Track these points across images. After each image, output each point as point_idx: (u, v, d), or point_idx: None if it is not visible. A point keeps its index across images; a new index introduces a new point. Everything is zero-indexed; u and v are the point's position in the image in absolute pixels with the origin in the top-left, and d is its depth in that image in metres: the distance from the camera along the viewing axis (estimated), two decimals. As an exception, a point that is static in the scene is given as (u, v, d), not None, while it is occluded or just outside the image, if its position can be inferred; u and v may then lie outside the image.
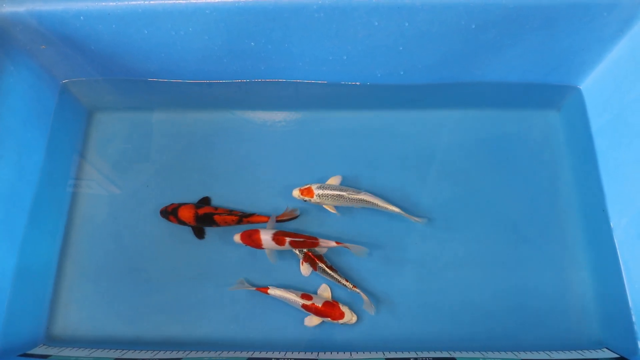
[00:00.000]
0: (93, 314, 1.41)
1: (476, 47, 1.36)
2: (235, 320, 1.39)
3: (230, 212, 1.44)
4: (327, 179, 1.49)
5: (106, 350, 1.32)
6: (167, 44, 1.36)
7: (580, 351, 1.28)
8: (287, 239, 1.34)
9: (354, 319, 1.34)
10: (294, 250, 1.39)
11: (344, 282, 1.36)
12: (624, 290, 1.30)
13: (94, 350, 1.32)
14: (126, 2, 1.24)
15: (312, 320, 1.35)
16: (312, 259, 1.37)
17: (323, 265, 1.37)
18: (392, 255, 1.43)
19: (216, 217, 1.42)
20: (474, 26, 1.27)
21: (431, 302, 1.37)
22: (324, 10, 1.25)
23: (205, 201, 1.49)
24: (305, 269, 1.40)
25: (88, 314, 1.41)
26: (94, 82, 1.56)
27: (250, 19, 1.28)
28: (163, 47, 1.38)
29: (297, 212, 1.45)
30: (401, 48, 1.36)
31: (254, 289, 1.34)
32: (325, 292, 1.39)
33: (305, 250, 1.37)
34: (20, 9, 1.26)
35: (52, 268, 1.45)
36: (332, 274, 1.37)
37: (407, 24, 1.28)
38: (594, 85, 1.45)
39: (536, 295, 1.38)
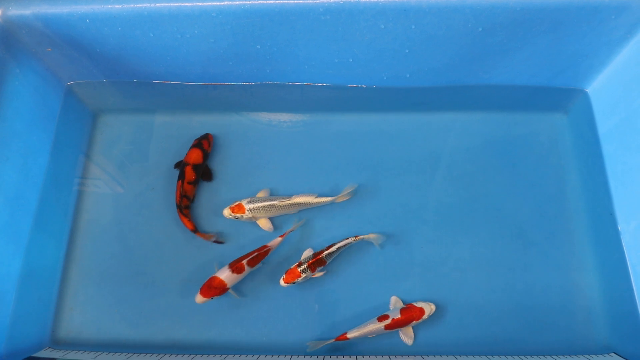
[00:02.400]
0: (98, 317, 1.41)
1: (483, 50, 1.35)
2: (240, 324, 1.38)
3: (188, 205, 1.45)
4: (331, 181, 1.49)
5: (111, 353, 1.32)
6: (172, 46, 1.36)
7: (587, 356, 1.28)
8: (244, 262, 1.34)
9: (433, 306, 1.33)
10: (299, 279, 1.35)
11: (351, 240, 1.37)
12: (633, 295, 1.30)
13: (98, 353, 1.32)
14: (132, 5, 1.24)
15: (407, 334, 1.33)
16: (317, 261, 1.35)
17: (326, 252, 1.35)
18: (398, 258, 1.43)
19: (186, 187, 1.45)
20: (480, 29, 1.27)
21: (436, 306, 1.36)
22: (330, 12, 1.24)
23: (208, 173, 1.51)
24: (318, 272, 1.39)
25: (93, 317, 1.41)
26: (99, 84, 1.56)
27: (256, 22, 1.28)
28: (169, 49, 1.38)
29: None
30: (407, 51, 1.36)
31: (333, 340, 1.31)
32: (397, 303, 1.37)
33: (305, 266, 1.34)
34: (26, 11, 1.26)
35: (57, 271, 1.44)
36: (337, 247, 1.36)
37: (413, 27, 1.27)
38: (602, 88, 1.45)
39: (543, 299, 1.38)
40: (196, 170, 1.46)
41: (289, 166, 1.53)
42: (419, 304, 1.33)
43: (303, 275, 1.34)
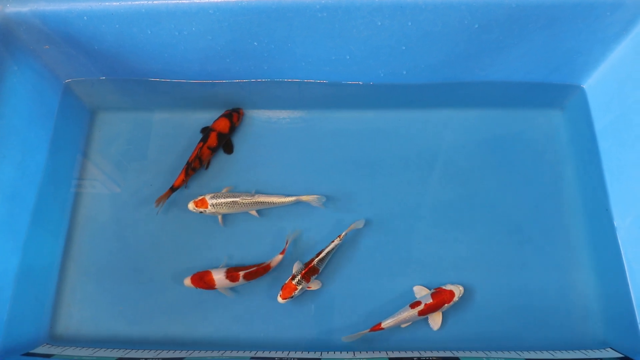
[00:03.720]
0: (96, 314, 1.41)
1: (479, 46, 1.36)
2: (238, 320, 1.39)
3: (196, 168, 1.48)
4: (327, 177, 1.50)
5: (109, 349, 1.32)
6: (170, 44, 1.37)
7: (584, 351, 1.28)
8: (241, 273, 1.35)
9: (461, 288, 1.34)
10: (296, 292, 1.34)
11: (337, 241, 1.37)
12: (628, 290, 1.30)
13: (96, 349, 1.32)
14: (129, 2, 1.25)
15: (435, 319, 1.34)
16: (309, 270, 1.34)
17: (317, 259, 1.35)
18: (395, 256, 1.43)
19: (204, 150, 1.48)
20: (477, 26, 1.27)
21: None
22: (327, 9, 1.25)
23: (230, 145, 1.53)
24: (315, 284, 1.38)
25: (91, 314, 1.41)
26: (97, 82, 1.57)
27: (253, 19, 1.28)
28: (166, 47, 1.38)
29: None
30: (404, 48, 1.36)
31: (368, 331, 1.32)
32: (422, 290, 1.37)
33: (299, 277, 1.34)
34: (24, 9, 1.27)
35: (54, 267, 1.45)
36: (326, 252, 1.35)
37: (410, 24, 1.28)
38: (598, 84, 1.45)
39: (540, 295, 1.38)
40: (219, 139, 1.49)
41: (285, 163, 1.54)
42: (448, 287, 1.34)
43: (299, 287, 1.34)
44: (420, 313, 1.31)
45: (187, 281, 1.37)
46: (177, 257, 1.45)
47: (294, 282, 1.34)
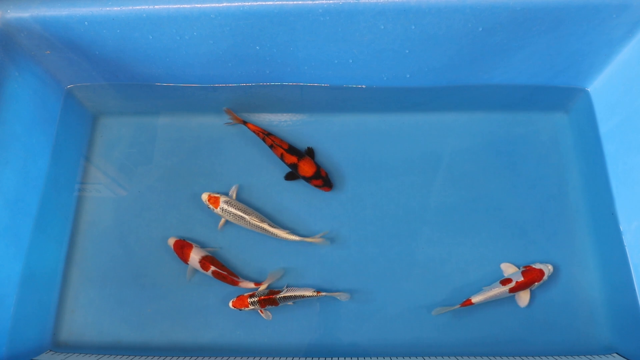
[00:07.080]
0: (99, 320, 1.41)
1: (483, 50, 1.34)
2: (241, 325, 1.38)
3: (263, 138, 1.50)
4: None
5: (112, 356, 1.32)
6: (171, 48, 1.36)
7: (589, 356, 1.28)
8: (212, 268, 1.37)
9: (550, 267, 1.35)
10: (245, 309, 1.34)
11: (309, 293, 1.34)
12: (635, 294, 1.29)
13: (100, 356, 1.32)
14: (131, 7, 1.24)
15: (523, 298, 1.35)
16: (269, 299, 1.33)
17: (281, 295, 1.33)
18: (398, 259, 1.43)
19: (278, 149, 1.47)
20: (481, 29, 1.26)
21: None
22: (329, 13, 1.24)
23: (295, 177, 1.51)
24: (266, 314, 1.37)
25: (94, 320, 1.41)
26: (99, 87, 1.56)
27: (255, 23, 1.27)
28: (168, 51, 1.37)
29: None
30: (407, 51, 1.35)
31: (458, 306, 1.33)
32: (510, 267, 1.39)
33: (256, 299, 1.33)
34: (25, 14, 1.26)
35: (57, 273, 1.45)
36: (293, 294, 1.33)
37: (413, 27, 1.27)
38: (603, 87, 1.44)
39: (544, 299, 1.38)
40: (292, 167, 1.47)
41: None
42: (538, 266, 1.35)
43: (251, 307, 1.34)
44: (511, 290, 1.32)
45: (171, 241, 1.41)
46: (180, 262, 1.45)
47: (248, 300, 1.34)
